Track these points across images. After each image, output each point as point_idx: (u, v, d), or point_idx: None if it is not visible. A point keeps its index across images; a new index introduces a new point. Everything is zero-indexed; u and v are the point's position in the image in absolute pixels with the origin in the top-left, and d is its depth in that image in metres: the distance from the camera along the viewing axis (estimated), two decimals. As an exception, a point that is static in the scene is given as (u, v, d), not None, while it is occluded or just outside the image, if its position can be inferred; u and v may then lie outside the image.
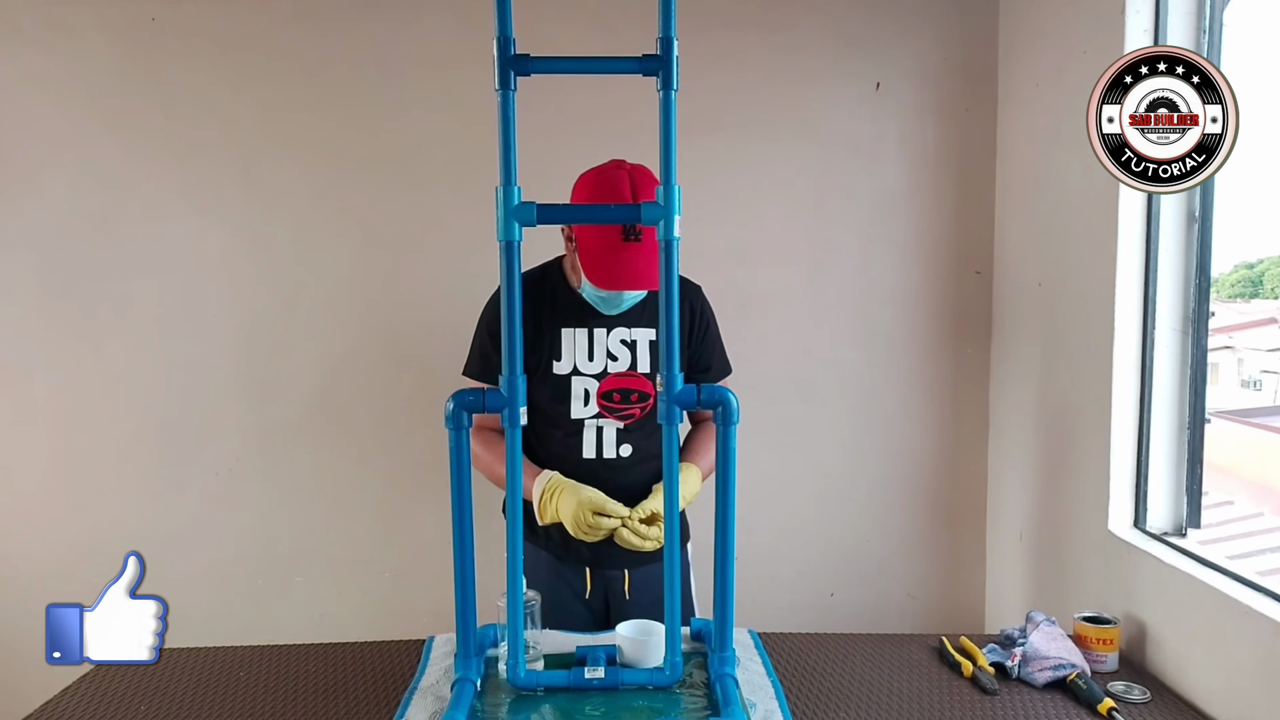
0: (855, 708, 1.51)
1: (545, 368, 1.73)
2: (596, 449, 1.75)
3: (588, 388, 1.74)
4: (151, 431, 2.57)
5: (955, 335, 2.62)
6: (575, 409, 1.74)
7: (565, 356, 1.74)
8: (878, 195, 2.59)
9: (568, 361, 1.74)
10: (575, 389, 1.74)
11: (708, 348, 1.84)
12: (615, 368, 1.74)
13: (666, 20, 1.30)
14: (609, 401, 1.74)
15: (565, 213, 1.45)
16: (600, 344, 1.74)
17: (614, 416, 1.75)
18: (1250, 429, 2.91)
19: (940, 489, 2.66)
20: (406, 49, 2.51)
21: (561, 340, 1.74)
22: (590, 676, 1.42)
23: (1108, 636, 1.65)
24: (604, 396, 1.74)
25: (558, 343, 1.74)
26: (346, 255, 2.56)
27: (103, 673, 1.64)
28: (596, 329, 1.74)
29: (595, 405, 1.74)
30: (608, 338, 1.75)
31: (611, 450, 1.75)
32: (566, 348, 1.74)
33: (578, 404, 1.74)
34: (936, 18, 2.54)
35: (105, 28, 2.46)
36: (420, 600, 2.52)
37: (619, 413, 1.74)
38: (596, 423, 1.75)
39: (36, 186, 2.50)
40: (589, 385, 1.74)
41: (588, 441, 1.75)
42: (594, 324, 1.75)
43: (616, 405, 1.74)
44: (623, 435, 1.76)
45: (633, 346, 1.75)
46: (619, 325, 1.75)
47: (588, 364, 1.74)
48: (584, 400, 1.74)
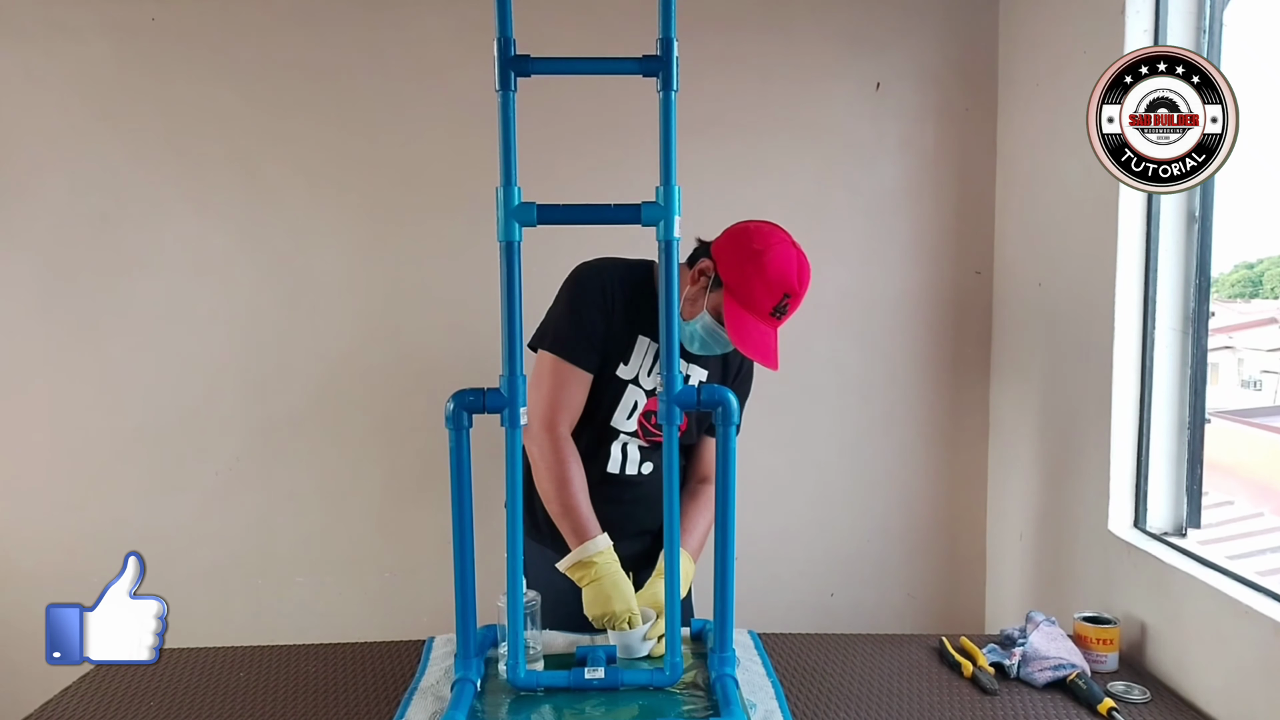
0: (855, 708, 1.51)
1: (613, 366, 1.70)
2: (621, 465, 1.75)
3: (638, 400, 1.72)
4: (151, 431, 2.58)
5: (955, 335, 2.62)
6: (619, 418, 1.72)
7: (633, 362, 1.71)
8: (878, 195, 2.59)
9: (633, 368, 1.71)
10: (627, 396, 1.71)
11: None
12: None
13: (666, 21, 1.30)
14: (648, 422, 1.74)
15: (565, 213, 1.44)
16: None
17: (645, 439, 1.75)
18: (1250, 429, 2.91)
19: (940, 489, 2.66)
20: (407, 49, 2.51)
21: (635, 347, 1.71)
22: (590, 677, 1.42)
23: (1108, 636, 1.65)
24: (645, 416, 1.73)
25: (631, 347, 1.71)
26: (346, 255, 2.56)
27: (103, 673, 1.64)
28: None
29: (636, 422, 1.72)
30: None
31: (634, 468, 1.76)
32: (636, 355, 1.71)
33: (623, 414, 1.72)
34: (936, 18, 2.54)
35: (105, 28, 2.46)
36: (420, 600, 2.53)
37: (651, 435, 1.74)
38: (625, 439, 1.74)
39: (36, 186, 2.50)
40: (639, 399, 1.72)
41: (614, 456, 1.74)
42: None
43: (653, 428, 1.73)
44: (646, 453, 1.77)
45: (684, 380, 1.73)
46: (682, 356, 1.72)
47: (646, 379, 1.72)
48: (629, 412, 1.72)
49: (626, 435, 1.74)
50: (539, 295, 2.47)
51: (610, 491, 1.72)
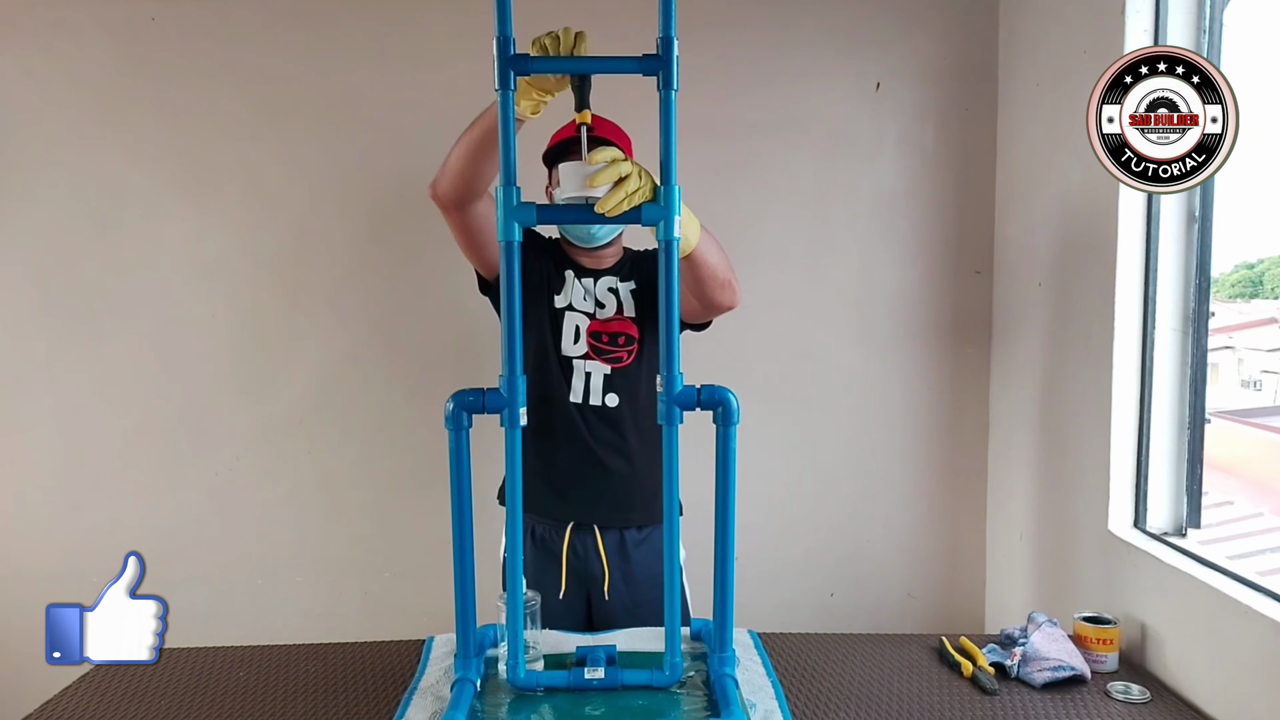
0: (855, 708, 1.51)
1: (548, 301, 1.84)
2: (584, 394, 1.81)
3: (579, 324, 1.83)
4: (151, 431, 2.58)
5: (955, 335, 2.62)
6: (566, 345, 1.82)
7: (564, 292, 1.85)
8: (878, 195, 2.59)
9: (565, 297, 1.85)
10: (568, 324, 1.83)
11: None
12: (603, 314, 1.84)
13: (667, 20, 1.30)
14: (598, 342, 1.83)
15: (565, 213, 1.45)
16: (589, 291, 1.85)
17: (602, 359, 1.82)
18: (1250, 429, 2.91)
19: (940, 489, 2.66)
20: (406, 48, 2.51)
21: (565, 280, 1.85)
22: (590, 677, 1.42)
23: (1108, 636, 1.65)
24: (593, 336, 1.83)
25: (560, 281, 1.85)
26: (346, 255, 2.56)
27: (103, 673, 1.64)
28: (585, 278, 1.86)
29: (585, 344, 1.82)
30: (595, 286, 1.84)
31: (598, 397, 1.81)
32: (566, 286, 1.85)
33: (568, 340, 1.82)
34: (936, 18, 2.54)
35: (105, 27, 2.46)
36: (420, 600, 2.52)
37: (606, 354, 1.82)
38: (585, 365, 1.82)
39: (36, 186, 2.50)
40: (580, 322, 1.83)
41: (576, 386, 1.81)
42: (583, 274, 1.86)
43: (605, 346, 1.82)
44: (609, 383, 1.82)
45: (617, 293, 1.85)
46: (605, 275, 1.87)
47: (581, 303, 1.84)
48: (574, 337, 1.82)
49: (579, 360, 1.82)
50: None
51: (580, 425, 1.80)
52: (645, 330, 1.84)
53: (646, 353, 1.85)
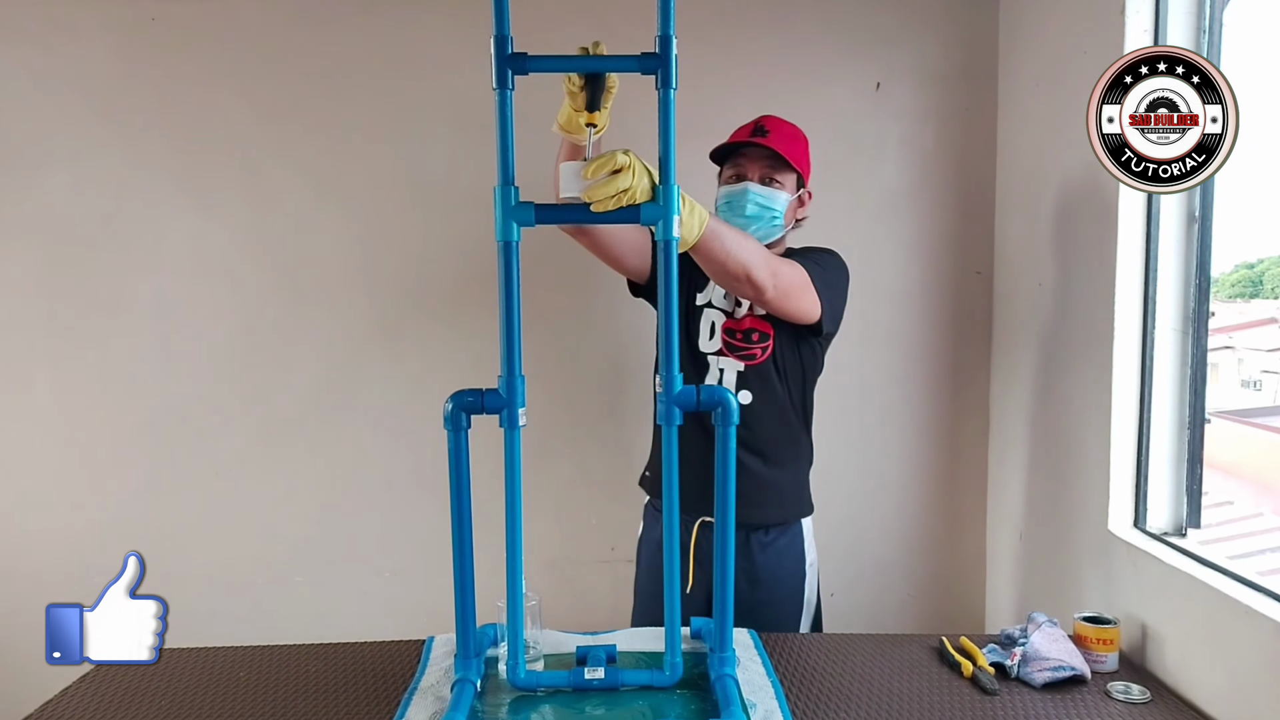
0: (855, 708, 1.50)
1: (690, 298, 1.93)
2: None
3: (715, 320, 1.90)
4: (152, 431, 2.58)
5: (955, 335, 2.62)
6: (702, 341, 1.90)
7: (705, 290, 1.94)
8: (878, 195, 2.59)
9: (706, 294, 1.94)
10: (704, 321, 1.91)
11: None
12: (741, 312, 1.91)
13: (665, 18, 1.30)
14: (731, 339, 1.89)
15: (564, 213, 1.45)
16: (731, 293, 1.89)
17: (735, 355, 1.88)
18: (1250, 429, 2.91)
19: (940, 489, 2.66)
20: (406, 48, 2.51)
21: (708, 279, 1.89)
22: (590, 677, 1.42)
23: (1108, 637, 1.65)
24: (727, 333, 1.89)
25: (704, 279, 1.88)
26: (346, 255, 2.56)
27: (103, 673, 1.64)
28: None
29: (720, 340, 1.89)
30: None
31: None
32: (709, 284, 1.92)
33: (704, 336, 1.90)
34: (936, 18, 2.54)
35: (105, 27, 2.46)
36: (420, 600, 2.52)
37: (740, 350, 1.86)
38: (719, 361, 1.89)
39: (36, 186, 2.50)
40: (716, 319, 1.91)
41: (709, 383, 1.86)
42: None
43: (739, 343, 1.88)
44: (742, 380, 1.87)
45: None
46: None
47: (721, 300, 1.93)
48: (710, 333, 1.90)
49: (713, 356, 1.89)
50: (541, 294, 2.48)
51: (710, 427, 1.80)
52: (780, 328, 1.87)
53: (781, 351, 1.88)
